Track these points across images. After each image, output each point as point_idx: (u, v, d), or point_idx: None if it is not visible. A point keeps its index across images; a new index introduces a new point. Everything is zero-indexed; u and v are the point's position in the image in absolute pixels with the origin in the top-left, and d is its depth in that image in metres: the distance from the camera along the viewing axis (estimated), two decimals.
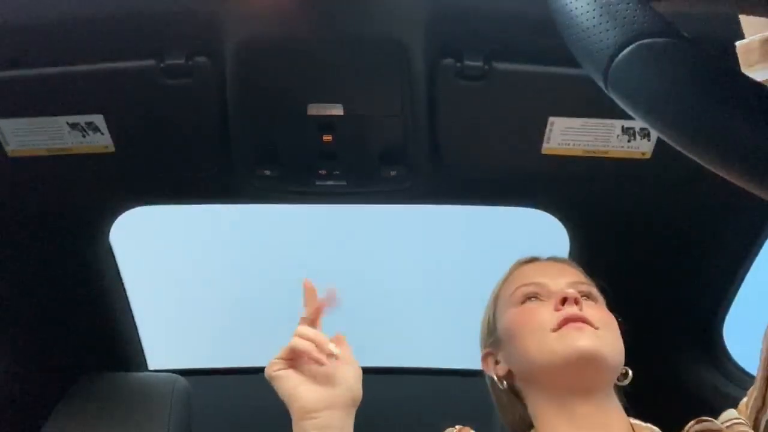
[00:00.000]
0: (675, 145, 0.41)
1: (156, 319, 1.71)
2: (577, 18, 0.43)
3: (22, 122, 1.08)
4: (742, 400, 0.92)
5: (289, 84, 1.04)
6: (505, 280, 1.04)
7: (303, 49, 1.00)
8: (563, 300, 0.92)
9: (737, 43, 0.55)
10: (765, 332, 0.84)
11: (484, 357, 1.02)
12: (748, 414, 0.89)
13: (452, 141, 1.13)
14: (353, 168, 1.14)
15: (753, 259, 1.27)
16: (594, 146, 1.12)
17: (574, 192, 1.27)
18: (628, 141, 1.11)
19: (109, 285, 1.45)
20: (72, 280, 1.38)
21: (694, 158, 0.41)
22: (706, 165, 0.41)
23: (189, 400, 1.41)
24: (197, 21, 0.98)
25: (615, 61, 0.41)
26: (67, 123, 1.08)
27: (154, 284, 1.87)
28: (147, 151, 1.14)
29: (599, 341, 0.89)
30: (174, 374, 1.45)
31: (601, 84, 0.43)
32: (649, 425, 0.95)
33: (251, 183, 1.16)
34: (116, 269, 1.46)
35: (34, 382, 1.43)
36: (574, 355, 0.88)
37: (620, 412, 0.93)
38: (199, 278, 2.10)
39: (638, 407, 0.97)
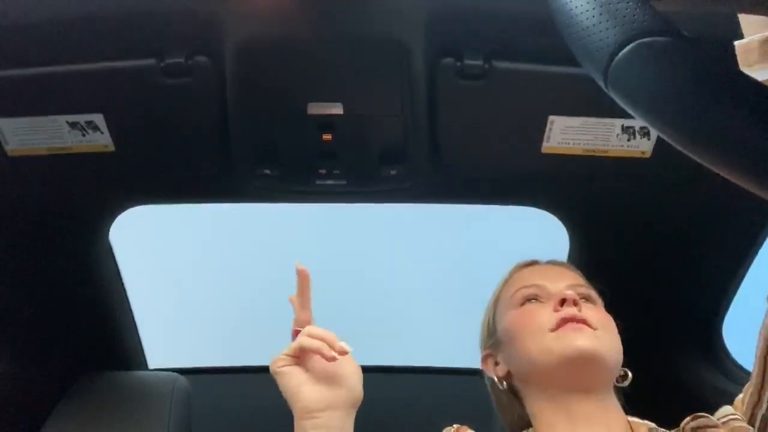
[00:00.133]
0: (675, 144, 0.41)
1: (156, 319, 1.71)
2: (577, 17, 0.43)
3: (22, 121, 1.08)
4: (738, 396, 0.93)
5: (289, 83, 1.04)
6: (505, 283, 1.05)
7: (303, 49, 1.00)
8: (562, 301, 0.93)
9: (736, 43, 0.55)
10: (760, 328, 0.85)
11: (484, 358, 1.03)
12: (744, 409, 0.90)
13: (452, 140, 1.13)
14: (353, 167, 1.14)
15: (752, 259, 1.27)
16: (594, 145, 1.12)
17: (574, 191, 1.27)
18: (628, 140, 1.11)
19: (109, 284, 1.45)
20: (72, 280, 1.38)
21: (694, 157, 0.41)
22: (706, 164, 0.41)
23: (189, 399, 1.41)
24: (197, 21, 0.98)
25: (615, 60, 0.41)
26: (67, 122, 1.08)
27: (154, 284, 1.87)
28: (147, 151, 1.14)
29: (597, 341, 0.90)
30: (174, 373, 1.45)
31: (601, 83, 0.43)
32: (646, 422, 0.95)
33: (251, 182, 1.16)
34: (116, 269, 1.46)
35: (34, 382, 1.43)
36: (573, 355, 0.88)
37: (618, 411, 0.94)
38: (199, 277, 2.10)
39: (638, 407, 0.97)
